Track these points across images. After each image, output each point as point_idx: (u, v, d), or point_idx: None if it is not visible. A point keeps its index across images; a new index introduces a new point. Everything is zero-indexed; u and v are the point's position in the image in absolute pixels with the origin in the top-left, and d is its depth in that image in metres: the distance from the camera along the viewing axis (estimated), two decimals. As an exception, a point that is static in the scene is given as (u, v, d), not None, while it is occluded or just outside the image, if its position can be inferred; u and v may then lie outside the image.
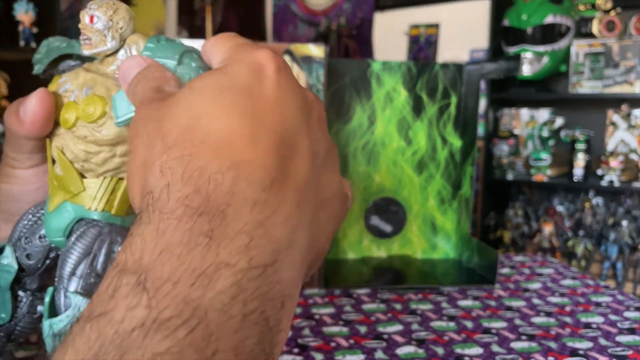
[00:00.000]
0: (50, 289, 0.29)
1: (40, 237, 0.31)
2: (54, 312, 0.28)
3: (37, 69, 0.31)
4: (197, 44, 0.30)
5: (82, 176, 0.29)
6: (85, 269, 0.28)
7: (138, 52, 0.28)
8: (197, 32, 3.37)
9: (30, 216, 0.31)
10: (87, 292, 0.28)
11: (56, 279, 0.29)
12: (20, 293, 0.32)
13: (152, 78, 0.25)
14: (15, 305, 0.32)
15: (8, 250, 0.31)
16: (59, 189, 0.29)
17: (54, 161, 0.29)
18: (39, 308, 0.33)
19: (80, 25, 0.28)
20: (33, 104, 0.28)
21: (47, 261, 0.32)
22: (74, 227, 0.29)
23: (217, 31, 3.24)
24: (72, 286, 0.28)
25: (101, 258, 0.28)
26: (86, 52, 0.28)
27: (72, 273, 0.28)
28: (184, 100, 0.22)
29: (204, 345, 0.17)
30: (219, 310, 0.18)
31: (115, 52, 0.28)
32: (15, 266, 0.31)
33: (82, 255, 0.28)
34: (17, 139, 0.30)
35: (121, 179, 0.29)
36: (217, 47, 0.26)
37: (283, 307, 0.20)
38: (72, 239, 0.29)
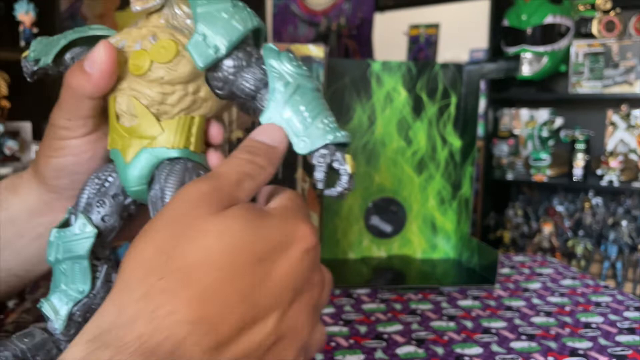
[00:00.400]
0: None
1: (113, 196, 0.32)
2: None
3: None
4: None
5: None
6: None
7: (181, 8, 0.30)
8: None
9: (97, 180, 0.32)
10: None
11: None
12: (95, 262, 0.32)
13: (251, 186, 0.28)
14: (93, 276, 0.32)
15: (81, 218, 0.31)
16: (131, 139, 0.30)
17: (117, 118, 0.30)
18: (115, 276, 0.32)
19: None
20: (101, 54, 0.28)
21: (121, 222, 0.32)
22: (155, 173, 0.30)
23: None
24: None
25: None
26: (138, 7, 0.29)
27: None
28: (212, 236, 0.24)
29: None
30: None
31: (160, 9, 0.30)
32: (95, 230, 0.31)
33: (176, 190, 0.29)
34: (77, 101, 0.30)
35: (193, 117, 0.30)
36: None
37: None
38: (162, 180, 0.29)
